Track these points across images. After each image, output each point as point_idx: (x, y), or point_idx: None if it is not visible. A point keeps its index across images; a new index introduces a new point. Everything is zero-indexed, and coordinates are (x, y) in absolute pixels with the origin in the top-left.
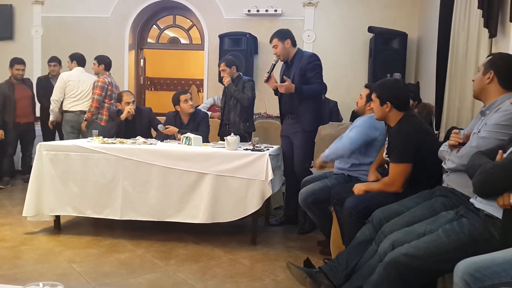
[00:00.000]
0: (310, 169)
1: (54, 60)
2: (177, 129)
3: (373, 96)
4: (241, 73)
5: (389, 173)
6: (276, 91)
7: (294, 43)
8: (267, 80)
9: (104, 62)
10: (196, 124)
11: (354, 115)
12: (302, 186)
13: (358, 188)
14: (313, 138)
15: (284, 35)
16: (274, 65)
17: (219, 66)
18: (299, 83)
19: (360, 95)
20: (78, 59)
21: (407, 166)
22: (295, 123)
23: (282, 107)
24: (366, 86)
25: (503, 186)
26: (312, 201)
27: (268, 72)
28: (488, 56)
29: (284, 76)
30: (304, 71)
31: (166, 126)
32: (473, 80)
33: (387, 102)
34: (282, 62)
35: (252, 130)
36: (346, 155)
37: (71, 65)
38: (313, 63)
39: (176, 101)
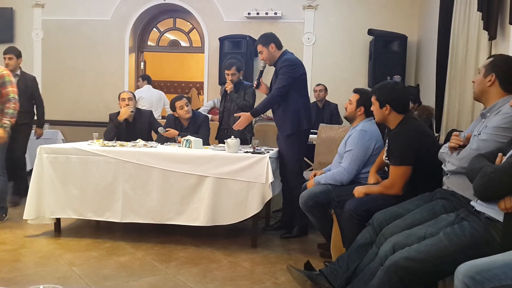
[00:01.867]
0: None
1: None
2: (177, 132)
3: (373, 98)
4: (241, 78)
5: (389, 176)
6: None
7: (279, 46)
8: (257, 87)
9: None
10: (197, 127)
11: None
12: (302, 189)
13: (358, 191)
14: (297, 142)
15: (267, 39)
16: (262, 71)
17: (228, 69)
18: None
19: (350, 100)
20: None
21: (407, 169)
22: (278, 129)
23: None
24: (354, 91)
25: (504, 189)
26: (313, 204)
27: (256, 80)
28: (488, 58)
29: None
30: (278, 74)
31: (166, 129)
32: (473, 82)
33: (386, 105)
34: (272, 66)
35: (251, 135)
36: (346, 183)
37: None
38: (283, 68)
39: (172, 107)
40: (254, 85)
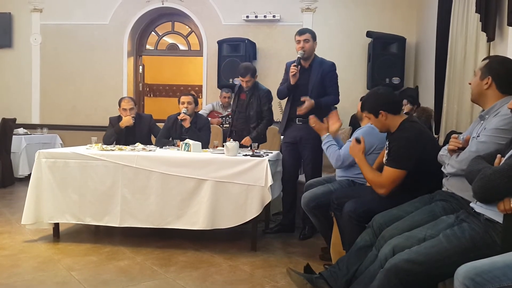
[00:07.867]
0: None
1: None
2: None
3: (365, 114)
4: (257, 81)
5: (382, 175)
6: (292, 87)
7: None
8: (294, 75)
9: None
10: (197, 129)
11: (354, 120)
12: (305, 190)
13: (356, 147)
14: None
15: (316, 37)
16: (300, 58)
17: (243, 76)
18: (318, 89)
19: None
20: None
21: (402, 173)
22: (307, 128)
23: (291, 111)
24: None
25: (503, 191)
26: (315, 205)
27: (296, 66)
28: (484, 59)
29: (302, 98)
30: (324, 78)
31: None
32: (469, 83)
33: (381, 112)
34: (289, 66)
35: (264, 141)
36: (336, 167)
37: None
38: (333, 72)
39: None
40: (293, 72)
